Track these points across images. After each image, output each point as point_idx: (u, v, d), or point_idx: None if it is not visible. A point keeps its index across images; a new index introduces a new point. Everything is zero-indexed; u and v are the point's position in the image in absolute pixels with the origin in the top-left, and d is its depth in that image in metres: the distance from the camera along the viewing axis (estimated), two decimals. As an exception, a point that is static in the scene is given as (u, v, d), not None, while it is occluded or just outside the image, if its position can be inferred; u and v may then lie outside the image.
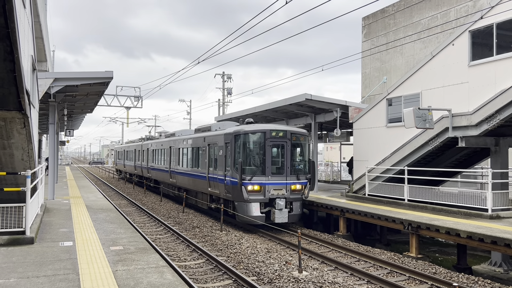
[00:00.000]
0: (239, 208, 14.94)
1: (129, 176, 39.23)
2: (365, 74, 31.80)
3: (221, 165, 16.12)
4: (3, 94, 7.78)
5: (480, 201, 12.45)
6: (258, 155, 15.25)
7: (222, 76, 43.49)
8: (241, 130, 15.28)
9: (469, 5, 23.81)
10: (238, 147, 15.18)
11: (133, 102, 31.75)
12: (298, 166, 15.70)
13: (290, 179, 15.21)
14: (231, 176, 15.21)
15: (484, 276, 11.09)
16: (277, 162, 15.35)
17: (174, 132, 25.81)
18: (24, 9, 8.85)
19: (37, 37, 19.16)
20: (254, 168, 15.05)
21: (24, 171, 9.74)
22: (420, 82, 15.40)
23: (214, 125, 19.28)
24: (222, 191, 16.02)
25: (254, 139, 15.23)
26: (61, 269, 7.33)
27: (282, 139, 15.25)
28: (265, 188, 14.76)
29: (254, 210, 14.63)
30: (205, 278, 9.70)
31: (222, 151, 16.09)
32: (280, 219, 14.61)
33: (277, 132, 15.19)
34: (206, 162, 17.77)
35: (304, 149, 16.05)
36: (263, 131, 15.10)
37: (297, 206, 15.36)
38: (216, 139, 16.96)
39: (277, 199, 14.77)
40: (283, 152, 15.30)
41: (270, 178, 14.87)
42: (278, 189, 14.93)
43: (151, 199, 25.43)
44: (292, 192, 15.15)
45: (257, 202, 14.70)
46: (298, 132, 15.86)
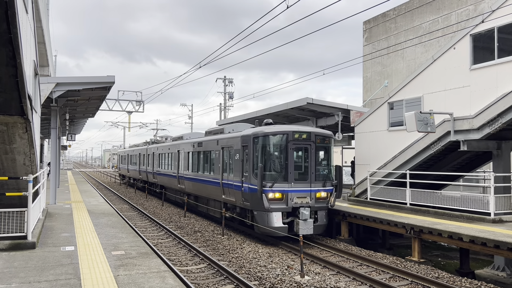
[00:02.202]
0: (259, 218, 13.52)
1: (133, 181, 37.77)
2: (367, 78, 31.82)
3: (237, 171, 14.77)
4: (5, 99, 7.81)
5: (483, 205, 12.40)
6: (279, 159, 13.88)
7: (223, 80, 43.56)
8: (261, 132, 13.91)
9: (470, 9, 23.84)
10: (257, 150, 13.81)
11: (134, 107, 31.76)
12: (323, 171, 14.29)
13: (315, 186, 13.78)
14: (249, 182, 13.82)
15: (487, 280, 11.03)
16: (300, 167, 14.01)
17: (181, 135, 24.71)
18: (26, 14, 8.89)
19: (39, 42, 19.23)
20: (275, 173, 13.68)
21: (26, 175, 9.75)
22: (422, 86, 15.40)
23: (227, 127, 17.99)
24: (239, 199, 14.65)
25: (275, 141, 13.88)
26: (63, 274, 7.31)
27: (306, 141, 13.83)
28: (287, 196, 13.34)
29: (275, 220, 13.19)
30: (206, 283, 9.67)
31: (238, 155, 14.75)
32: (304, 230, 13.13)
33: (300, 133, 13.80)
34: (220, 167, 16.40)
35: (330, 152, 14.62)
36: (285, 132, 13.72)
37: (322, 215, 13.94)
38: (231, 141, 15.60)
39: (301, 208, 13.34)
40: (307, 156, 13.89)
41: (293, 185, 13.47)
42: (301, 197, 13.55)
43: (153, 204, 25.42)
44: (317, 200, 13.73)
45: (279, 211, 13.28)
46: (323, 133, 14.42)
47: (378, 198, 16.16)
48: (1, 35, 6.13)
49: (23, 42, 7.18)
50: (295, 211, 13.43)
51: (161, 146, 27.36)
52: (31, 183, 9.41)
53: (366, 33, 32.15)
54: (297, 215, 13.38)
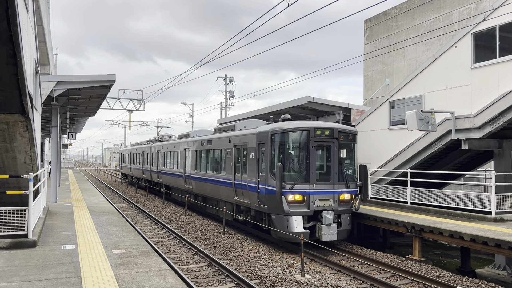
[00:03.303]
0: (277, 222, 12.40)
1: (136, 180, 36.75)
2: (367, 76, 31.79)
3: (252, 170, 13.65)
4: (6, 97, 7.80)
5: (484, 204, 12.39)
6: (299, 158, 12.75)
7: (224, 79, 43.55)
8: (279, 128, 12.78)
9: (472, 7, 23.78)
10: (275, 148, 12.74)
11: (135, 105, 31.82)
12: (347, 171, 13.15)
13: (338, 187, 12.68)
14: (266, 183, 12.72)
15: (488, 279, 11.03)
16: (322, 167, 13.01)
17: (188, 132, 23.54)
18: (27, 12, 8.89)
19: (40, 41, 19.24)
20: (295, 174, 12.54)
21: (26, 174, 9.76)
22: (423, 85, 15.37)
23: (239, 123, 16.89)
24: (254, 201, 13.50)
25: (295, 138, 12.75)
26: (63, 273, 7.31)
27: (329, 138, 12.73)
28: (309, 198, 12.25)
29: (295, 225, 12.09)
30: (207, 282, 9.67)
31: (253, 154, 13.66)
32: (328, 236, 12.09)
33: (322, 130, 12.71)
34: (232, 166, 15.26)
35: (354, 150, 13.52)
36: (306, 129, 12.62)
37: (346, 219, 12.82)
38: (245, 139, 14.44)
39: (323, 211, 12.31)
40: (329, 154, 12.81)
41: (314, 186, 12.37)
42: (324, 199, 12.44)
43: (154, 202, 25.43)
44: (340, 203, 12.65)
45: (299, 215, 12.19)
46: (347, 130, 13.32)
47: (379, 197, 16.16)
48: (1, 33, 6.12)
49: (24, 41, 7.18)
50: (317, 215, 12.43)
51: (166, 144, 26.23)
52: (31, 181, 9.41)
53: (367, 31, 32.10)
54: (319, 220, 12.38)
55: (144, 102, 31.81)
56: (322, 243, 11.99)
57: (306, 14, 12.06)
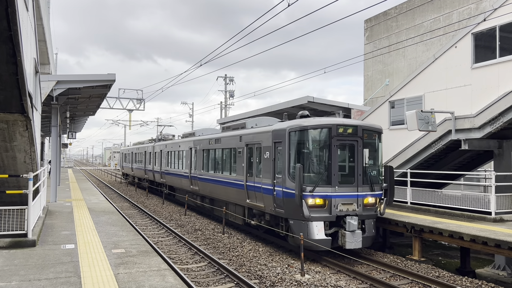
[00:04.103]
0: (296, 228, 11.44)
1: (138, 181, 35.97)
2: (368, 76, 31.78)
3: (267, 171, 12.74)
4: (6, 96, 7.80)
5: (484, 204, 12.39)
6: (320, 158, 11.83)
7: (224, 79, 43.55)
8: (298, 125, 11.84)
9: (472, 7, 23.78)
10: (293, 147, 11.80)
11: (135, 105, 31.83)
12: (372, 172, 12.24)
13: (362, 190, 11.75)
14: (283, 185, 11.80)
15: (488, 279, 11.02)
16: (344, 168, 12.01)
17: (193, 131, 22.86)
18: (26, 12, 8.88)
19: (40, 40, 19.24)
20: (315, 175, 11.60)
21: (26, 173, 9.76)
22: (423, 85, 15.37)
23: (249, 121, 16.01)
24: (269, 204, 12.59)
25: (315, 136, 11.79)
26: (63, 272, 7.31)
27: (352, 137, 11.81)
28: (330, 202, 11.31)
29: (316, 231, 11.14)
30: (207, 281, 9.67)
31: (268, 153, 12.75)
32: (352, 244, 11.14)
33: (345, 127, 11.79)
34: (244, 167, 14.32)
35: (379, 150, 12.59)
36: (328, 126, 11.65)
37: (371, 225, 11.90)
38: (259, 137, 13.51)
39: (347, 217, 11.35)
40: (353, 154, 11.88)
41: (337, 189, 11.44)
42: (347, 203, 11.50)
43: (153, 202, 25.44)
44: (364, 207, 11.71)
45: (321, 220, 11.25)
46: (371, 127, 12.40)
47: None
48: (1, 33, 6.12)
49: (24, 40, 7.17)
50: (340, 221, 11.47)
51: (170, 144, 25.35)
52: (31, 181, 9.41)
53: (367, 31, 32.09)
54: (342, 225, 11.43)
55: (144, 101, 31.84)
56: (344, 251, 11.22)
57: (307, 14, 12.05)
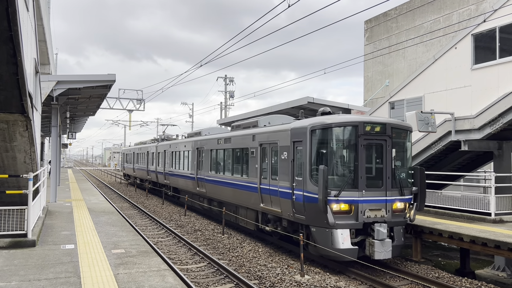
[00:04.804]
0: (319, 236, 10.51)
1: (140, 182, 35.08)
2: (368, 77, 31.80)
3: (284, 173, 11.78)
4: (6, 96, 7.81)
5: (483, 205, 12.39)
6: (346, 160, 10.89)
7: (224, 79, 43.57)
8: (321, 123, 10.84)
9: (472, 8, 23.80)
10: (316, 147, 10.81)
11: (135, 105, 31.83)
12: (401, 175, 11.21)
13: (391, 195, 10.74)
14: (303, 189, 10.83)
15: (488, 280, 11.02)
16: (371, 170, 10.96)
17: (199, 130, 21.87)
18: (27, 12, 8.89)
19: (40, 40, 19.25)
20: (340, 178, 10.60)
21: (26, 173, 9.76)
22: (423, 86, 15.38)
23: (262, 119, 15.05)
24: (287, 209, 11.64)
25: (340, 135, 10.77)
26: (63, 272, 7.31)
27: (380, 136, 10.78)
28: (357, 208, 10.33)
29: (341, 240, 10.16)
30: (206, 282, 9.67)
31: (286, 154, 11.79)
32: (381, 254, 10.13)
33: (373, 125, 10.74)
34: (257, 168, 13.39)
35: (408, 150, 11.61)
36: (354, 124, 10.64)
37: (400, 233, 10.88)
38: (275, 136, 12.54)
39: (375, 224, 10.38)
40: (381, 154, 10.86)
41: (364, 193, 10.43)
42: (375, 209, 10.53)
43: (153, 202, 25.44)
44: (393, 213, 10.74)
45: (346, 228, 10.25)
46: (400, 125, 11.35)
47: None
48: (1, 33, 6.13)
49: (24, 40, 7.18)
50: (367, 228, 10.50)
51: (174, 143, 24.38)
52: (31, 181, 9.41)
53: (367, 32, 32.12)
54: (370, 233, 10.48)
55: (144, 102, 31.84)
56: (372, 261, 10.27)
57: (307, 15, 12.07)
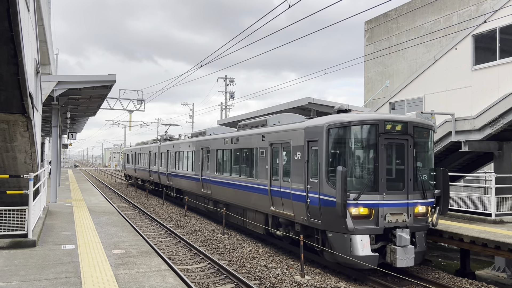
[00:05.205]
0: (336, 242, 9.89)
1: (142, 182, 34.46)
2: (368, 78, 31.80)
3: (298, 175, 11.14)
4: (7, 97, 7.82)
5: (484, 206, 12.39)
6: (365, 160, 10.23)
7: (224, 80, 43.59)
8: (338, 121, 10.15)
9: (472, 9, 23.80)
10: (333, 147, 10.13)
11: (135, 106, 31.83)
12: (423, 176, 10.56)
13: (413, 198, 10.10)
14: (319, 191, 10.15)
15: (488, 281, 11.01)
16: (391, 171, 10.33)
17: (204, 130, 21.26)
18: (28, 12, 8.91)
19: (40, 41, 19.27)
20: (359, 180, 10.01)
21: (26, 174, 9.77)
22: (423, 86, 15.39)
23: (271, 118, 14.42)
24: (300, 213, 11.00)
25: (360, 134, 10.14)
26: (63, 272, 7.32)
27: (402, 135, 10.16)
28: (377, 212, 9.72)
29: (361, 246, 9.53)
30: (207, 282, 9.68)
31: (300, 154, 11.16)
32: (404, 261, 9.55)
33: (394, 123, 10.09)
34: (268, 169, 12.78)
35: (430, 150, 10.90)
36: (375, 122, 10.00)
37: (422, 238, 10.21)
38: (287, 136, 11.89)
39: (397, 229, 9.75)
40: (402, 155, 10.22)
41: (384, 196, 9.80)
42: (396, 213, 9.88)
43: (153, 203, 25.44)
44: (415, 217, 10.10)
45: (366, 233, 9.64)
46: (422, 124, 10.69)
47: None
48: (2, 33, 6.14)
49: (25, 41, 7.19)
50: (387, 234, 9.90)
51: (177, 143, 23.83)
52: (32, 181, 9.42)
53: (367, 33, 32.13)
54: (391, 239, 9.88)
55: (144, 102, 31.83)
56: (394, 269, 9.73)
57: (308, 15, 12.09)
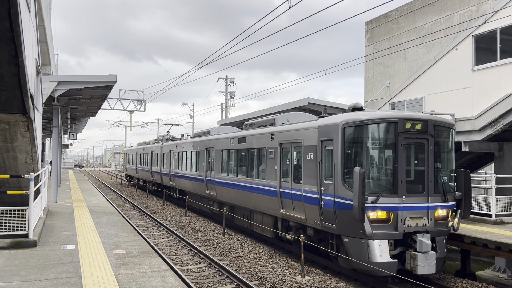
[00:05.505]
0: (352, 247, 9.34)
1: (143, 183, 33.89)
2: (368, 78, 31.79)
3: (310, 176, 10.62)
4: (8, 97, 7.83)
5: (484, 206, 12.39)
6: (383, 161, 9.70)
7: (225, 80, 43.60)
8: (355, 119, 9.57)
9: (473, 10, 23.79)
10: (349, 146, 9.60)
11: (136, 106, 31.85)
12: (443, 178, 10.00)
13: (433, 201, 9.55)
14: (334, 194, 9.63)
15: (488, 282, 11.01)
16: (410, 172, 9.78)
17: (208, 129, 20.82)
18: (29, 13, 8.91)
19: (41, 41, 19.28)
20: (376, 182, 9.49)
21: (27, 174, 9.78)
22: (424, 87, 15.39)
23: (280, 117, 13.88)
24: (313, 216, 10.48)
25: (378, 133, 9.59)
26: (64, 273, 7.32)
27: (421, 134, 9.59)
28: (396, 216, 9.15)
29: (379, 252, 8.96)
30: (207, 282, 9.68)
31: (312, 154, 10.63)
32: (425, 268, 8.97)
33: (413, 122, 9.52)
34: (277, 170, 12.32)
35: (451, 150, 10.32)
36: (394, 120, 9.41)
37: (442, 244, 9.70)
38: (298, 135, 11.34)
39: (417, 234, 9.20)
40: (422, 155, 9.68)
41: (404, 199, 9.24)
42: (416, 217, 9.35)
43: (154, 203, 25.44)
44: (435, 222, 9.56)
45: (385, 239, 9.08)
46: (443, 122, 10.11)
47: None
48: (3, 34, 6.14)
49: (26, 41, 7.20)
50: (407, 239, 9.35)
51: (180, 143, 23.37)
52: (32, 181, 9.43)
53: (368, 33, 32.12)
54: (410, 245, 9.33)
55: (144, 102, 31.85)
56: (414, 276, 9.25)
57: (308, 16, 12.09)
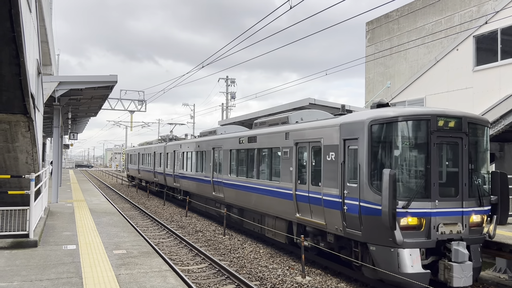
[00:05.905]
0: (380, 257, 8.49)
1: (146, 184, 33.11)
2: (369, 78, 31.78)
3: (331, 178, 9.75)
4: (8, 97, 7.84)
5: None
6: (414, 162, 8.75)
7: (225, 80, 43.62)
8: (383, 116, 8.67)
9: (473, 10, 23.78)
10: (377, 146, 8.69)
11: (137, 106, 31.88)
12: (478, 181, 9.08)
13: (468, 205, 8.69)
14: (360, 198, 8.74)
15: (489, 282, 11.00)
16: (443, 175, 8.84)
17: (214, 129, 20.08)
18: (30, 13, 8.92)
19: (42, 41, 19.30)
20: (407, 185, 8.55)
21: (28, 174, 9.79)
22: (424, 87, 15.39)
23: (293, 115, 13.07)
24: (334, 222, 9.60)
25: (407, 131, 8.62)
26: (64, 273, 7.33)
27: (455, 132, 8.70)
28: (429, 222, 8.33)
29: (410, 262, 8.14)
30: (208, 283, 9.68)
31: (333, 154, 9.72)
32: (461, 280, 8.12)
33: (446, 119, 8.64)
34: (292, 171, 11.47)
35: (486, 150, 9.42)
36: (426, 117, 8.54)
37: (477, 252, 8.83)
38: (317, 134, 10.45)
39: (452, 242, 8.36)
40: (455, 156, 8.79)
41: (437, 203, 8.40)
42: (450, 223, 8.52)
43: (154, 203, 25.45)
44: (470, 228, 8.71)
45: (416, 247, 8.25)
46: (478, 120, 9.21)
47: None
48: (4, 34, 6.15)
49: (26, 41, 7.21)
50: (440, 247, 8.48)
51: (185, 143, 22.57)
52: (33, 181, 9.44)
53: (368, 34, 32.12)
54: (444, 254, 8.51)
55: (145, 102, 31.88)
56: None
57: (309, 16, 12.09)
